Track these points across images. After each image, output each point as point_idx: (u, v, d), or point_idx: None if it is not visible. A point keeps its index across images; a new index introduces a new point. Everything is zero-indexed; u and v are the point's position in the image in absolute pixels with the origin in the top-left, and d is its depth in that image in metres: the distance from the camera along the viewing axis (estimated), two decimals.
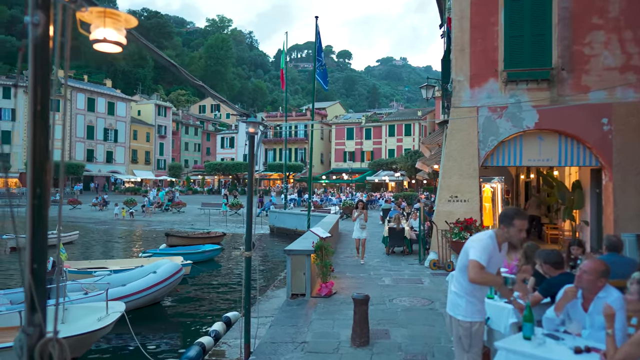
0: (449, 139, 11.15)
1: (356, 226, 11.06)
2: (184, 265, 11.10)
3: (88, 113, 61.78)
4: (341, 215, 23.95)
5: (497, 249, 3.31)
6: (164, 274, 8.95)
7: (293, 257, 7.50)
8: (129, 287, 8.39)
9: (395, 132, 58.49)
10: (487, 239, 3.27)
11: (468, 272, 3.19)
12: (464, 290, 3.32)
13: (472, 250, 3.21)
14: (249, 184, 5.11)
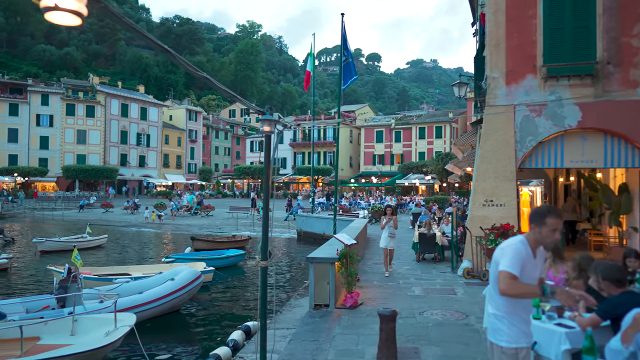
0: (483, 140, 10.49)
1: (384, 234, 9.91)
2: (205, 272, 10.81)
3: (122, 118, 63.17)
4: (370, 220, 23.39)
5: (531, 254, 2.81)
6: (182, 281, 8.64)
7: (316, 265, 7.05)
8: (146, 295, 8.11)
9: (425, 135, 57.38)
10: (517, 244, 2.80)
11: (498, 285, 2.74)
12: (504, 310, 2.82)
13: (502, 260, 2.76)
14: (265, 187, 4.70)
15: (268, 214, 4.77)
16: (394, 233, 9.92)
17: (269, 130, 4.42)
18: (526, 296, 2.77)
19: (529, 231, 2.88)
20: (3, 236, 19.73)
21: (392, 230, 9.84)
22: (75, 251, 7.40)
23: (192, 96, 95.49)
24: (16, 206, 38.95)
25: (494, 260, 2.88)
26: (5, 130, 56.24)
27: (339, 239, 7.36)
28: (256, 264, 4.71)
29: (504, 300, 2.78)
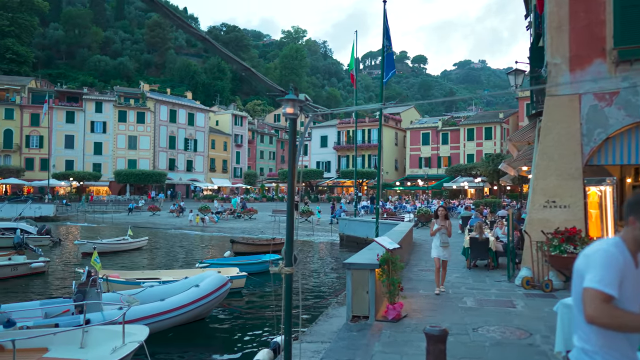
0: (543, 134, 9.39)
1: (435, 242, 8.21)
2: (236, 277, 10.25)
3: (170, 124, 64.77)
4: (415, 224, 22.34)
5: (632, 262, 1.98)
6: (207, 288, 8.08)
7: (354, 272, 6.30)
8: (167, 303, 7.58)
9: (474, 136, 55.22)
10: (609, 249, 1.97)
11: (584, 308, 1.91)
12: (596, 343, 1.98)
13: (589, 272, 1.94)
14: (289, 184, 4.02)
15: (293, 213, 4.09)
16: (448, 241, 8.18)
17: (292, 112, 3.74)
18: (630, 329, 1.92)
19: (625, 229, 2.03)
20: (50, 237, 20.21)
21: (445, 238, 8.13)
22: (95, 254, 7.05)
23: (238, 101, 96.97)
24: (70, 209, 40.43)
25: (577, 272, 2.06)
26: (62, 137, 58.91)
27: (380, 242, 6.57)
28: (279, 271, 4.04)
29: (596, 330, 1.96)
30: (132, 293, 8.00)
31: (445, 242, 8.13)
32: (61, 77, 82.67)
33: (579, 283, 2.01)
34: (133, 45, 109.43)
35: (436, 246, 8.19)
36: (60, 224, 34.29)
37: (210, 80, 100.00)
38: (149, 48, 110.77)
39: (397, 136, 63.85)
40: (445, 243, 8.14)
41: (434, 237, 8.27)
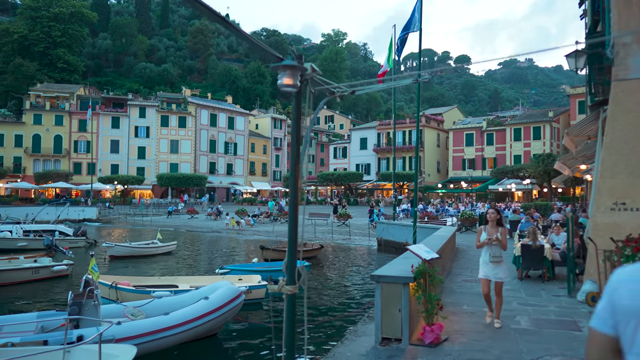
0: (609, 125, 8.08)
1: (483, 257, 6.25)
2: (254, 287, 9.40)
3: (211, 128, 65.48)
4: (459, 228, 20.98)
5: None
6: (217, 300, 7.24)
7: (384, 286, 5.33)
8: (171, 318, 6.74)
9: (521, 136, 52.53)
10: None
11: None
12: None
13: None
14: (292, 176, 3.12)
15: (297, 215, 3.20)
16: (501, 255, 6.09)
17: (291, 84, 2.86)
18: None
19: None
20: (85, 239, 20.24)
21: (497, 251, 6.06)
22: (93, 261, 6.41)
23: (277, 105, 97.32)
24: (112, 212, 41.23)
25: None
26: (108, 141, 60.68)
27: (415, 252, 5.55)
28: (279, 289, 3.16)
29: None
30: (139, 305, 7.30)
31: (497, 257, 6.06)
32: (109, 84, 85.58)
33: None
34: (176, 52, 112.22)
35: (484, 262, 6.13)
36: (103, 226, 34.91)
37: (250, 84, 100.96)
38: (191, 54, 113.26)
39: (439, 137, 61.85)
40: (497, 257, 6.06)
41: (482, 250, 6.25)
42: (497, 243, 6.11)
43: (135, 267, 15.36)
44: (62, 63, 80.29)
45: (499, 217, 6.36)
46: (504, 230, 6.24)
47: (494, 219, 6.30)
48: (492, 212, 6.40)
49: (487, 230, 6.27)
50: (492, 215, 6.35)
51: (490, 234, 6.18)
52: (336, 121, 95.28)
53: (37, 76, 72.13)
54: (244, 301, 8.67)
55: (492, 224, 6.29)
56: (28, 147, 57.39)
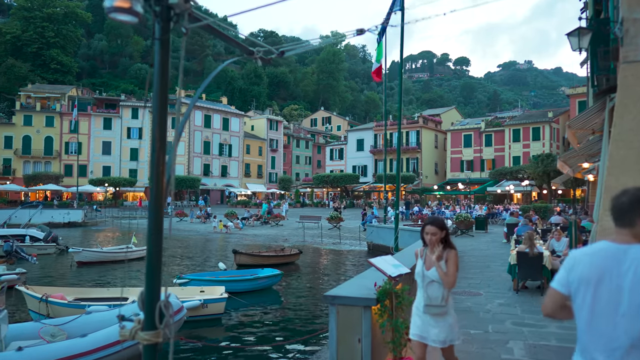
0: (618, 115, 6.98)
1: (417, 302, 3.76)
2: (210, 300, 8.30)
3: (205, 129, 64.41)
4: (454, 231, 19.87)
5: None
6: None
7: (340, 309, 4.22)
8: (87, 341, 5.46)
9: (520, 137, 51.49)
10: None
11: None
12: None
13: None
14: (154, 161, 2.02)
15: (159, 220, 2.09)
16: (443, 301, 3.58)
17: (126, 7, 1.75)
18: None
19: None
20: (56, 244, 19.12)
21: (437, 292, 3.58)
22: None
23: (274, 106, 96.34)
24: (99, 215, 40.12)
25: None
26: (100, 143, 59.64)
27: (378, 266, 4.42)
28: (132, 336, 2.07)
29: None
30: (63, 322, 6.19)
31: (435, 304, 3.56)
32: (103, 85, 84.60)
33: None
34: (172, 53, 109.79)
35: (417, 311, 3.69)
36: (88, 230, 33.80)
37: (247, 85, 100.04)
38: (188, 56, 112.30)
39: (437, 138, 60.84)
40: (437, 305, 3.56)
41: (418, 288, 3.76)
42: (435, 276, 3.56)
43: (102, 275, 14.25)
44: (55, 64, 79.32)
45: (444, 234, 3.63)
46: (452, 256, 3.56)
47: (434, 241, 3.59)
48: (432, 228, 3.62)
49: (426, 256, 3.68)
50: (432, 236, 3.59)
51: (428, 263, 3.63)
52: (333, 122, 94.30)
53: (30, 77, 71.15)
54: (201, 317, 7.55)
55: (431, 245, 3.61)
56: (18, 148, 56.32)
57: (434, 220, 3.67)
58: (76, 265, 15.53)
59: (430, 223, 3.66)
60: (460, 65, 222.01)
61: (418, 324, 3.65)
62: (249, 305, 10.31)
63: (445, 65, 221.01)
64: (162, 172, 2.13)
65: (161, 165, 2.15)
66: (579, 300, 1.93)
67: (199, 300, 8.42)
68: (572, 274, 1.95)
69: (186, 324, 7.76)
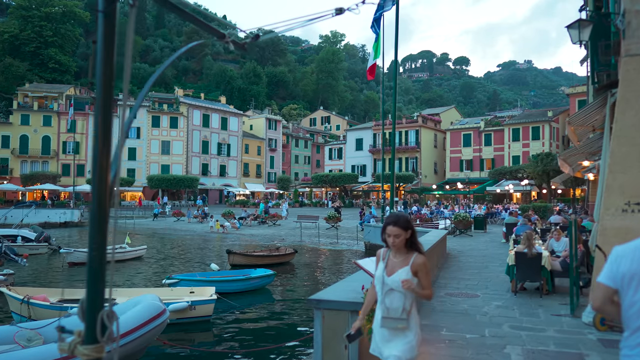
0: (620, 110, 6.74)
1: (377, 312, 3.10)
2: (197, 302, 8.02)
3: (203, 129, 64.14)
4: (452, 231, 19.65)
5: None
6: (129, 322, 5.80)
7: (326, 314, 3.98)
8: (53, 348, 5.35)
9: (520, 137, 51.25)
10: None
11: None
12: None
13: None
14: (95, 158, 1.78)
15: (102, 222, 1.84)
16: (404, 314, 2.95)
17: None
18: None
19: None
20: (49, 245, 18.86)
21: (398, 303, 2.96)
22: None
23: (273, 106, 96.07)
24: None
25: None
26: None
27: (364, 267, 4.17)
28: (71, 350, 1.82)
29: None
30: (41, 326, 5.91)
31: (394, 317, 2.95)
32: None
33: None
34: (172, 53, 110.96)
35: (376, 325, 3.10)
36: (83, 230, 33.54)
37: (246, 85, 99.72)
38: (187, 55, 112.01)
39: (436, 138, 60.61)
40: (396, 318, 2.95)
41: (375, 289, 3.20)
42: (401, 288, 2.91)
43: None
44: (53, 63, 79.02)
45: (410, 235, 3.00)
46: (422, 265, 2.94)
47: (398, 244, 2.96)
48: (394, 229, 2.96)
49: (389, 260, 3.03)
50: (394, 238, 2.96)
51: (390, 268, 2.99)
52: (332, 122, 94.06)
53: (28, 76, 70.83)
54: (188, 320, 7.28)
55: (395, 249, 3.00)
56: (15, 148, 56.04)
57: (396, 219, 3.02)
58: (67, 265, 15.27)
59: (393, 222, 3.00)
60: (460, 65, 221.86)
61: (376, 338, 3.09)
62: (239, 307, 10.04)
63: (445, 65, 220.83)
64: (106, 169, 1.86)
65: (104, 162, 1.88)
66: (630, 295, 1.95)
67: (187, 302, 8.17)
68: (619, 268, 1.99)
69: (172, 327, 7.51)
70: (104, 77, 1.91)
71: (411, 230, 3.02)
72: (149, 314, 6.01)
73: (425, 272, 2.96)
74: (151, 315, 6.03)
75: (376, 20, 10.60)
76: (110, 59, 1.98)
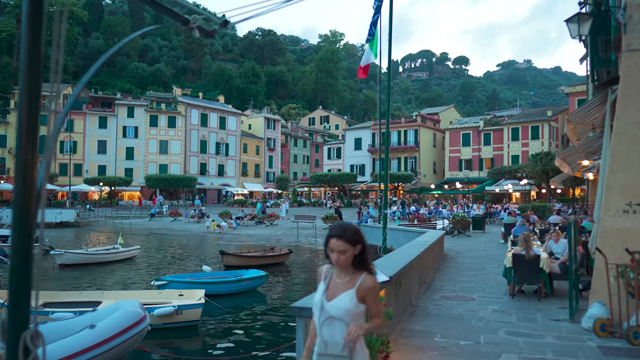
0: (621, 107, 6.50)
1: (318, 343, 2.37)
2: (186, 307, 7.76)
3: (201, 128, 63.88)
4: (450, 231, 19.40)
5: None
6: (107, 330, 5.55)
7: (308, 322, 3.73)
8: None
9: (519, 136, 51.01)
10: None
11: None
12: None
13: None
14: (19, 155, 1.53)
15: (25, 233, 1.59)
16: (342, 346, 2.27)
17: None
18: None
19: None
20: (39, 245, 18.56)
21: (336, 335, 2.29)
22: None
23: (272, 105, 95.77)
24: (92, 214, 39.60)
25: None
26: (95, 142, 59.06)
27: None
28: None
29: None
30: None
31: (332, 353, 2.28)
32: (100, 84, 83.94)
33: None
34: (170, 52, 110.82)
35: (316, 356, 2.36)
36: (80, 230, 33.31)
37: (244, 84, 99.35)
38: (185, 54, 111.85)
39: (435, 137, 60.37)
40: (336, 357, 2.28)
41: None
42: (344, 316, 2.28)
43: (87, 277, 13.76)
44: (49, 62, 78.60)
45: (360, 252, 2.36)
46: (372, 287, 2.33)
47: (344, 261, 2.33)
48: (338, 242, 2.32)
49: (331, 280, 2.41)
50: (338, 255, 2.32)
51: (332, 291, 2.37)
52: (332, 121, 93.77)
53: None
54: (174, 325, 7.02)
55: (340, 268, 2.38)
56: (12, 147, 55.67)
57: (342, 231, 2.30)
58: (58, 267, 15.01)
59: (337, 235, 2.29)
60: (459, 65, 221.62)
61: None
62: (228, 310, 9.76)
63: (444, 64, 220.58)
64: (32, 166, 1.61)
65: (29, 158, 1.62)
66: None
67: (173, 306, 7.90)
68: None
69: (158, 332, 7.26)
70: (28, 60, 1.65)
71: (361, 245, 2.34)
72: (128, 322, 5.75)
73: (375, 297, 2.32)
74: (130, 323, 5.77)
75: (374, 24, 10.34)
76: (37, 40, 1.72)
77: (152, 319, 7.17)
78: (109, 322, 5.64)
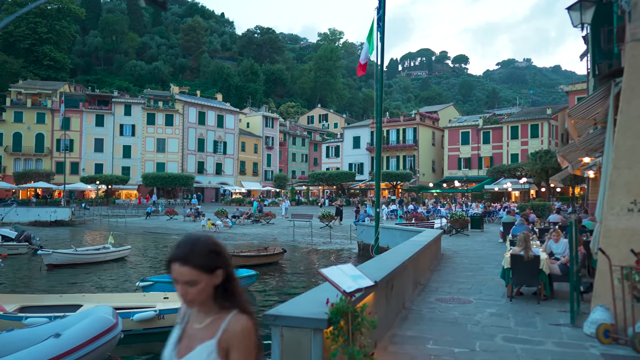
0: (625, 100, 6.15)
1: None
2: (168, 312, 7.42)
3: (199, 126, 63.51)
4: (448, 231, 19.06)
5: None
6: (73, 339, 5.15)
7: (285, 332, 3.38)
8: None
9: (519, 134, 50.68)
10: None
11: None
12: None
13: None
14: None
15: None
16: None
17: None
18: None
19: None
20: (29, 244, 18.24)
21: None
22: None
23: (271, 104, 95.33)
24: (87, 213, 39.24)
25: None
26: (92, 140, 58.65)
27: (330, 279, 3.56)
28: None
29: None
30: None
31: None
32: (98, 82, 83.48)
33: None
34: (168, 50, 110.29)
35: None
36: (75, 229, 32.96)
37: (243, 82, 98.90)
38: (183, 52, 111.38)
39: (434, 136, 60.05)
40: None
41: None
42: None
43: (74, 278, 13.41)
44: (48, 60, 78.26)
45: (224, 280, 1.58)
46: (238, 330, 1.53)
47: (196, 297, 1.56)
48: (182, 269, 1.52)
49: (187, 326, 1.65)
50: (184, 287, 1.54)
51: (187, 343, 1.59)
52: (330, 120, 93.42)
53: (23, 73, 70.01)
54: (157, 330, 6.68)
55: (198, 308, 1.62)
56: (8, 145, 55.34)
57: (187, 252, 1.53)
58: (46, 268, 14.63)
59: (179, 259, 1.53)
60: (459, 63, 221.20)
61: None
62: None
63: (444, 63, 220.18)
64: None
65: None
66: None
67: (154, 311, 7.55)
68: None
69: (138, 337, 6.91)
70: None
71: (223, 271, 1.57)
72: (96, 330, 5.37)
73: (245, 348, 1.53)
74: (98, 331, 5.39)
75: (379, 20, 9.99)
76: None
77: (132, 324, 6.84)
78: (75, 330, 5.25)
